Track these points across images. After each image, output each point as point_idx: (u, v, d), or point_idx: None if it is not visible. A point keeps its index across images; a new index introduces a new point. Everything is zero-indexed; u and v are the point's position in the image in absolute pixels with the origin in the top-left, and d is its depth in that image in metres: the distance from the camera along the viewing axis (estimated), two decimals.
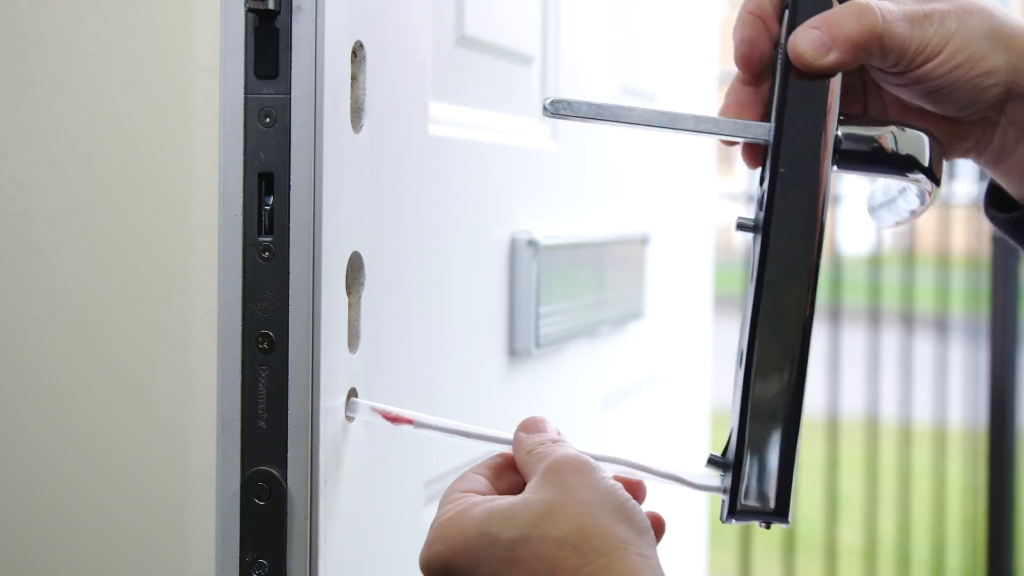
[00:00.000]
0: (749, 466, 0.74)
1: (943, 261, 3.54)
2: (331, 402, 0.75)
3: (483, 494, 0.71)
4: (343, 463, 0.77)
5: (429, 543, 0.69)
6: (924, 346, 3.57)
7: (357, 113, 0.77)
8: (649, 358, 1.49)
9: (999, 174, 0.78)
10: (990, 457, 2.99)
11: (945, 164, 0.78)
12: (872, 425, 3.43)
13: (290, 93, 0.72)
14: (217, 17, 0.73)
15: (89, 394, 1.11)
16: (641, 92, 1.41)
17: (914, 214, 0.80)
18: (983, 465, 3.06)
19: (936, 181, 0.76)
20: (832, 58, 0.72)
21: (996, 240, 2.98)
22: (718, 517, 0.77)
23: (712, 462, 0.76)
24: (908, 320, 3.46)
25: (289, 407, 0.73)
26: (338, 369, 0.76)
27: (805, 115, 0.73)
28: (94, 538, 1.11)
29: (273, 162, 0.72)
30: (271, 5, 0.71)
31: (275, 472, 0.73)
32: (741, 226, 0.75)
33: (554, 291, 1.11)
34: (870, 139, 0.74)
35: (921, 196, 0.78)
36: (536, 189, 1.12)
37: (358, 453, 0.79)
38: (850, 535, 3.77)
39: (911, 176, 0.75)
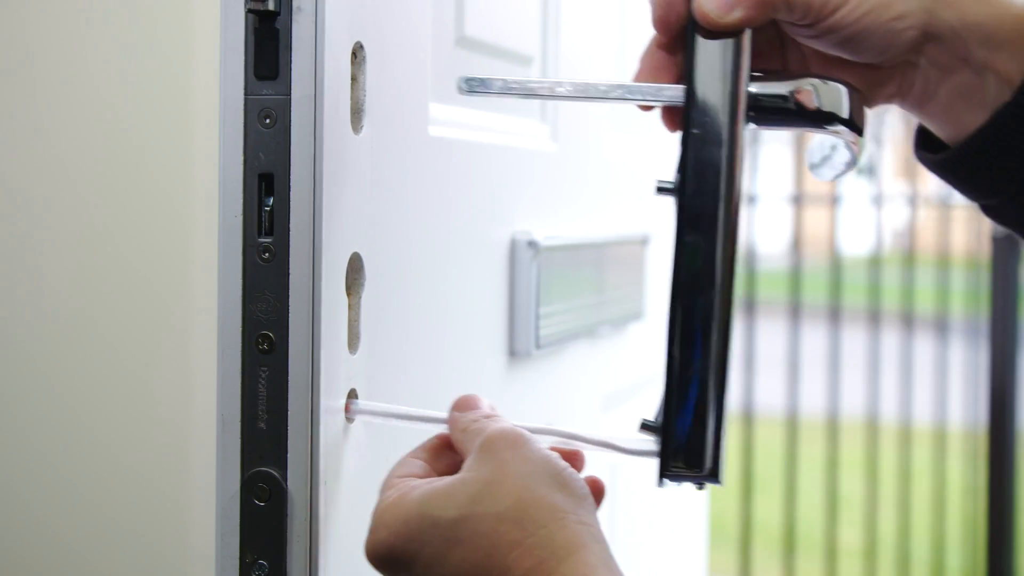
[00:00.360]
0: (678, 428, 0.74)
1: (943, 262, 3.54)
2: (331, 403, 0.75)
3: (422, 477, 0.72)
4: (343, 464, 0.77)
5: (372, 531, 0.70)
6: (924, 347, 3.57)
7: (357, 114, 0.77)
8: (649, 358, 1.49)
9: (924, 117, 0.78)
10: (990, 457, 2.99)
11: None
12: (872, 425, 3.43)
13: (290, 94, 0.72)
14: (217, 18, 0.73)
15: (89, 395, 1.11)
16: None
17: (848, 166, 0.79)
18: (983, 465, 3.06)
19: (858, 131, 0.75)
20: (736, 15, 0.71)
21: (996, 241, 2.98)
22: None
23: (645, 427, 0.76)
24: (908, 321, 3.46)
25: (289, 408, 0.73)
26: (338, 370, 0.76)
27: (715, 74, 0.72)
28: (94, 539, 1.11)
29: (273, 163, 0.72)
30: (271, 6, 0.71)
31: (275, 473, 0.73)
32: (661, 189, 0.75)
33: (554, 292, 1.11)
34: (784, 94, 0.74)
35: (849, 148, 0.78)
36: (536, 190, 1.12)
37: (358, 454, 0.79)
38: (850, 535, 3.77)
39: (830, 128, 0.75)
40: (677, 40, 0.75)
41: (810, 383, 3.63)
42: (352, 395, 0.78)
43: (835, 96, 0.74)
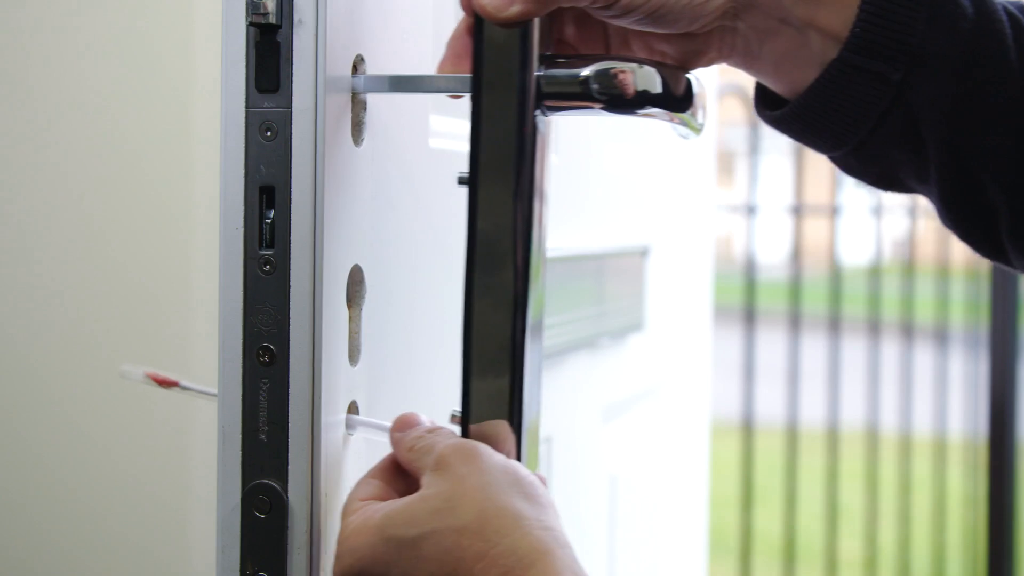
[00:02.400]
0: (473, 417, 0.74)
1: (943, 272, 3.54)
2: (332, 415, 0.75)
3: (382, 499, 0.72)
4: (344, 476, 0.77)
5: (338, 558, 0.70)
6: (924, 357, 3.57)
7: (358, 127, 0.78)
8: (649, 370, 1.49)
9: (754, 74, 0.77)
10: (990, 468, 2.99)
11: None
12: (872, 436, 3.43)
13: (291, 107, 0.72)
14: (218, 31, 0.73)
15: (91, 407, 1.11)
16: None
17: (688, 137, 0.79)
18: (983, 476, 3.06)
19: (676, 108, 0.75)
20: (516, 10, 0.71)
21: None
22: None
23: (454, 417, 0.76)
24: (908, 331, 3.46)
25: (290, 420, 0.73)
26: (339, 382, 0.76)
27: (501, 65, 0.72)
28: (95, 551, 1.11)
29: (274, 175, 0.73)
30: (272, 19, 0.71)
31: (276, 485, 0.73)
32: (461, 180, 0.74)
33: (554, 303, 1.11)
34: (577, 80, 0.73)
35: (676, 126, 0.77)
36: None
37: (359, 466, 0.79)
38: (850, 546, 3.77)
39: (640, 112, 0.74)
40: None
41: (810, 393, 3.62)
42: (353, 407, 0.78)
43: (643, 77, 0.73)
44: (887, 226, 3.67)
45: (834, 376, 3.35)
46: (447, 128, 0.94)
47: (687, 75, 0.75)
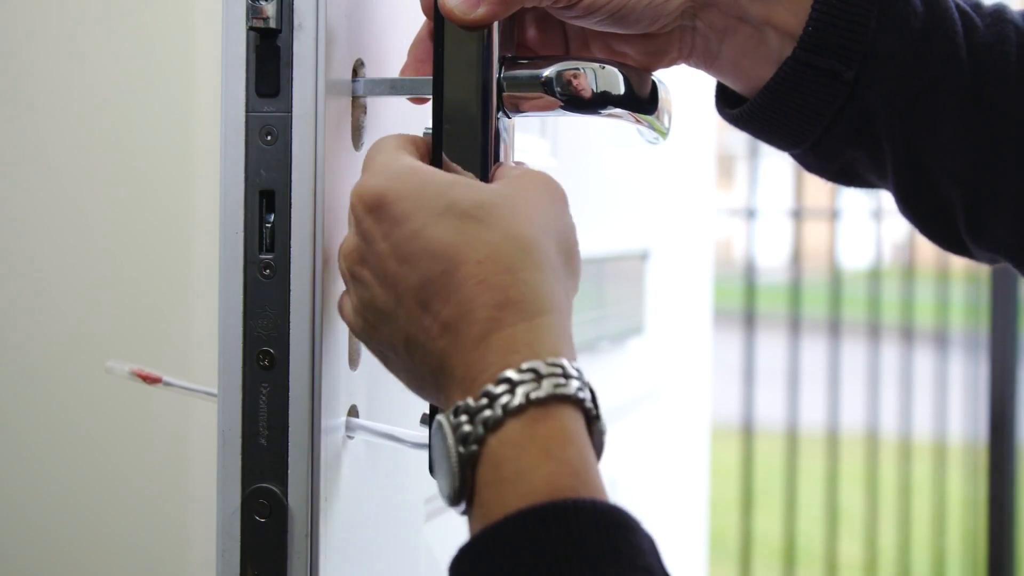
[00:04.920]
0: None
1: (943, 275, 3.55)
2: (331, 419, 0.75)
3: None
4: (343, 480, 0.77)
5: (370, 174, 0.67)
6: (924, 360, 3.57)
7: (358, 131, 0.78)
8: (649, 373, 1.49)
9: (714, 74, 0.78)
10: (990, 471, 2.99)
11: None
12: (872, 439, 3.43)
13: (291, 111, 0.72)
14: (219, 36, 0.73)
15: (92, 411, 1.11)
16: None
17: (656, 141, 0.79)
18: (983, 479, 3.06)
19: (640, 109, 0.75)
20: (481, 12, 0.71)
21: None
22: None
23: (424, 421, 0.76)
24: (908, 334, 3.46)
25: (290, 424, 0.73)
26: (339, 386, 0.76)
27: (463, 67, 0.72)
28: (95, 555, 1.11)
29: (274, 180, 0.73)
30: (273, 24, 0.71)
31: (276, 489, 0.73)
32: None
33: None
34: (539, 81, 0.73)
35: (642, 128, 0.77)
36: None
37: (358, 470, 0.79)
38: (850, 549, 3.77)
39: (604, 112, 0.74)
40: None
41: (810, 397, 3.62)
42: (353, 412, 0.78)
43: (605, 77, 0.74)
44: (887, 230, 3.67)
45: (834, 380, 3.35)
46: None
47: (652, 77, 0.76)
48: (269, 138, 0.73)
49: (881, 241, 3.57)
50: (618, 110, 0.74)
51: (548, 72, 0.73)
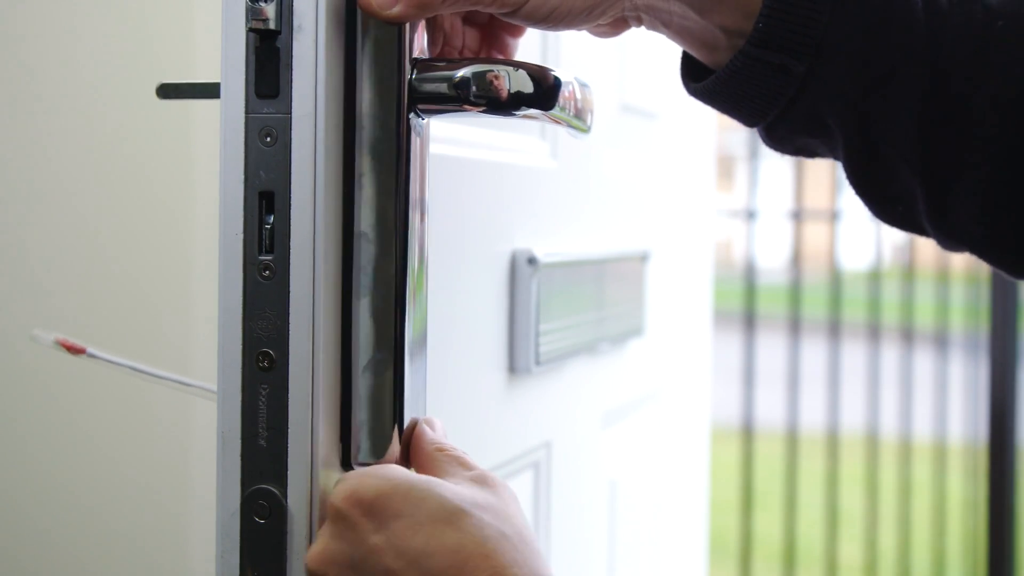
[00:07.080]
0: (357, 421, 0.74)
1: (943, 276, 3.55)
2: (331, 420, 0.75)
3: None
4: None
5: (364, 475, 0.70)
6: (924, 361, 3.57)
7: None
8: (649, 375, 1.49)
9: (674, 40, 0.78)
10: (990, 472, 2.99)
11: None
12: (872, 441, 3.43)
13: (291, 112, 0.72)
14: (218, 37, 0.73)
15: (91, 412, 1.11)
16: (640, 110, 1.42)
17: (578, 134, 0.79)
18: (983, 480, 3.06)
19: (546, 107, 0.75)
20: (397, 10, 0.72)
21: None
22: None
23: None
24: (908, 335, 3.46)
25: (289, 425, 0.73)
26: (338, 387, 0.76)
27: (376, 65, 0.73)
28: (95, 556, 1.11)
29: (274, 181, 0.73)
30: (272, 25, 0.71)
31: (275, 490, 0.73)
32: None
33: (554, 308, 1.11)
34: (449, 82, 0.74)
35: (568, 129, 0.77)
36: (536, 207, 1.12)
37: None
38: (850, 551, 3.77)
39: (519, 114, 0.74)
40: None
41: (810, 398, 3.63)
42: None
43: (517, 79, 0.74)
44: (887, 230, 3.67)
45: (834, 380, 3.35)
46: (446, 133, 0.94)
47: (553, 72, 0.76)
48: (269, 139, 0.73)
49: (881, 242, 3.57)
50: (532, 110, 0.75)
51: (462, 73, 0.74)
